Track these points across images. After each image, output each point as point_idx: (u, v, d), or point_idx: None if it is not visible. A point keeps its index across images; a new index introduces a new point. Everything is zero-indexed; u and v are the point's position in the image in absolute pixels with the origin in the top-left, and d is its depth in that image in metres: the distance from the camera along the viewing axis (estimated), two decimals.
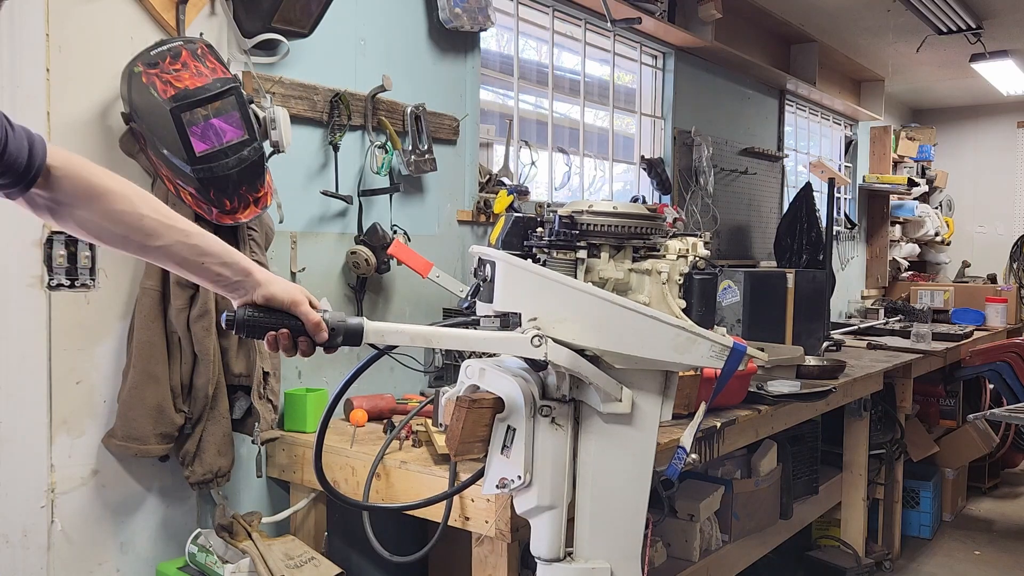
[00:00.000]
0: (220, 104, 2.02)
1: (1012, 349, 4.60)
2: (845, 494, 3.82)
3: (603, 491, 1.57)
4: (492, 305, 1.50)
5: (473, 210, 3.22)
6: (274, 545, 2.22)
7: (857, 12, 5.13)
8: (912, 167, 7.67)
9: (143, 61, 2.01)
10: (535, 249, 1.64)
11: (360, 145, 2.77)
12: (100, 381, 2.15)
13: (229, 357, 2.20)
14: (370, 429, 2.43)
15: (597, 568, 1.56)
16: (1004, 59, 5.98)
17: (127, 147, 2.14)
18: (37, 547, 2.04)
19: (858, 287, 7.23)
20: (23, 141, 1.11)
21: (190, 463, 2.18)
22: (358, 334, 1.33)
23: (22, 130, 1.12)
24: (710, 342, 1.50)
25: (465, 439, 1.52)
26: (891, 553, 4.12)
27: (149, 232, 1.21)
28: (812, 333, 3.90)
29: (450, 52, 3.13)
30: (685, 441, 1.70)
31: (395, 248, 2.67)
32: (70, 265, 2.06)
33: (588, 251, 1.59)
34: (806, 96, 6.11)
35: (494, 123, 3.55)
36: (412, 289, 2.95)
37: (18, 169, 1.11)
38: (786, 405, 2.84)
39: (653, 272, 1.60)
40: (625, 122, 4.59)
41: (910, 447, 4.35)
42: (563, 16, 3.97)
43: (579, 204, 1.63)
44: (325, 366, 2.68)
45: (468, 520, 1.96)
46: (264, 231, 2.32)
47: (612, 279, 1.60)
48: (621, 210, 1.61)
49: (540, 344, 1.41)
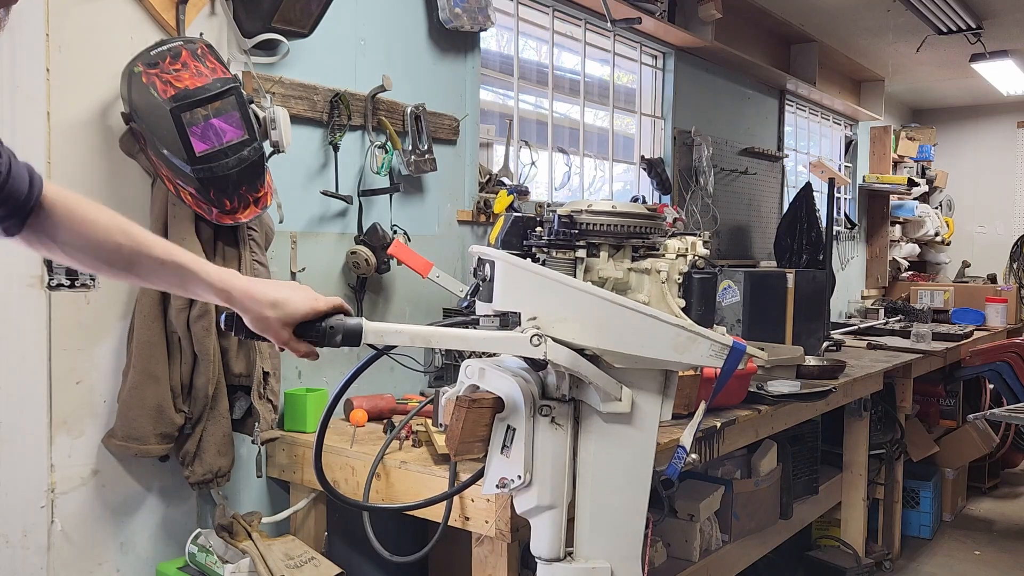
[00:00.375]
0: (220, 104, 2.02)
1: (1012, 349, 4.60)
2: (845, 494, 3.82)
3: (603, 491, 1.57)
4: (492, 305, 1.50)
5: (473, 210, 3.22)
6: (274, 545, 2.22)
7: (857, 12, 5.13)
8: (912, 167, 7.67)
9: (143, 61, 2.01)
10: (534, 249, 1.64)
11: (360, 145, 2.77)
12: (100, 381, 2.15)
13: (229, 357, 2.20)
14: (370, 429, 2.43)
15: (597, 568, 1.56)
16: (1004, 59, 5.98)
17: (127, 147, 2.14)
18: (37, 547, 2.04)
19: (858, 287, 7.23)
20: (24, 172, 1.16)
21: (190, 463, 2.18)
22: (357, 334, 1.33)
23: (22, 163, 1.17)
24: (710, 341, 1.50)
25: (465, 439, 1.52)
26: (891, 553, 4.12)
27: (133, 261, 1.23)
28: (812, 333, 3.90)
29: (450, 52, 3.13)
30: (685, 441, 1.70)
31: (395, 248, 2.67)
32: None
33: (587, 250, 1.59)
34: (806, 96, 6.11)
35: (494, 123, 3.55)
36: (412, 289, 2.95)
37: (19, 199, 1.15)
38: (786, 405, 2.84)
39: (652, 271, 1.60)
40: (625, 122, 4.59)
41: (910, 447, 4.35)
42: (563, 16, 3.97)
43: (578, 204, 1.63)
44: (325, 366, 2.68)
45: (468, 520, 1.96)
46: (264, 231, 2.32)
47: (611, 278, 1.60)
48: (620, 209, 1.61)
49: (540, 343, 1.41)
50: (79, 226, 1.19)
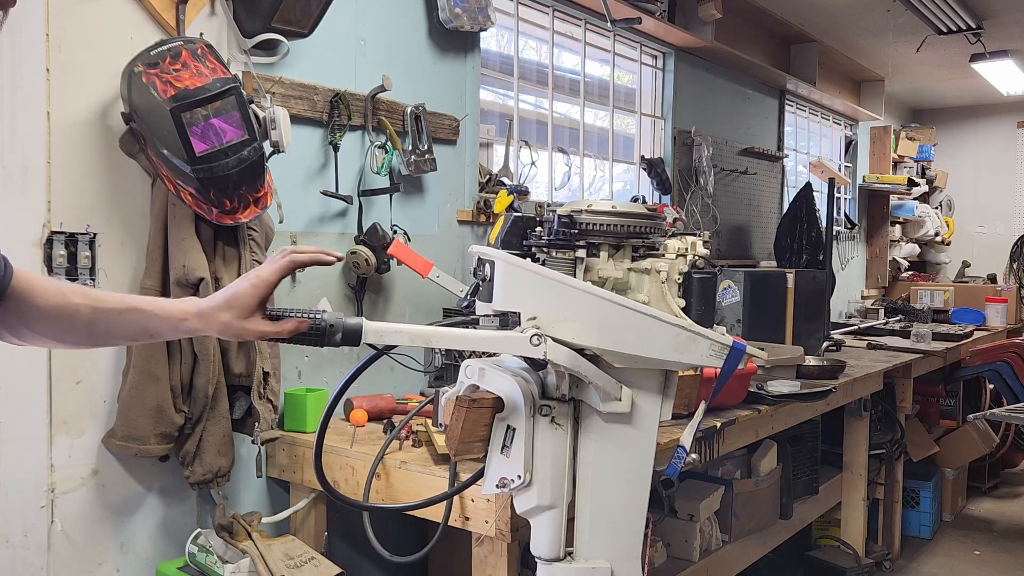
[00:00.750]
0: (220, 104, 2.02)
1: (1012, 349, 4.60)
2: (845, 494, 3.82)
3: (603, 491, 1.57)
4: (491, 304, 1.50)
5: (473, 210, 3.22)
6: (274, 545, 2.22)
7: (857, 12, 5.13)
8: (912, 167, 7.67)
9: (143, 61, 2.01)
10: (534, 248, 1.64)
11: (360, 145, 2.77)
12: (100, 381, 2.15)
13: (229, 357, 2.20)
14: (370, 429, 2.43)
15: (597, 568, 1.56)
16: (1004, 59, 5.98)
17: (127, 147, 2.14)
18: (37, 547, 2.04)
19: (858, 287, 7.23)
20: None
21: (190, 463, 2.18)
22: (357, 334, 1.33)
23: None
24: (710, 341, 1.50)
25: (465, 439, 1.52)
26: (891, 553, 4.12)
27: (94, 319, 1.20)
28: (812, 333, 3.90)
29: (450, 52, 3.13)
30: (685, 441, 1.70)
31: (395, 248, 2.67)
32: (70, 265, 2.06)
33: (587, 250, 1.59)
34: (806, 96, 6.11)
35: (494, 123, 3.55)
36: (412, 289, 2.95)
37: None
38: (786, 405, 2.84)
39: (652, 271, 1.60)
40: (625, 122, 4.59)
41: (910, 447, 4.35)
42: (563, 16, 3.97)
43: (578, 204, 1.63)
44: (325, 366, 2.68)
45: (468, 520, 1.96)
46: (264, 231, 2.32)
47: (611, 278, 1.60)
48: (620, 209, 1.61)
49: (539, 343, 1.41)
50: (39, 297, 1.16)
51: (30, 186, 1.99)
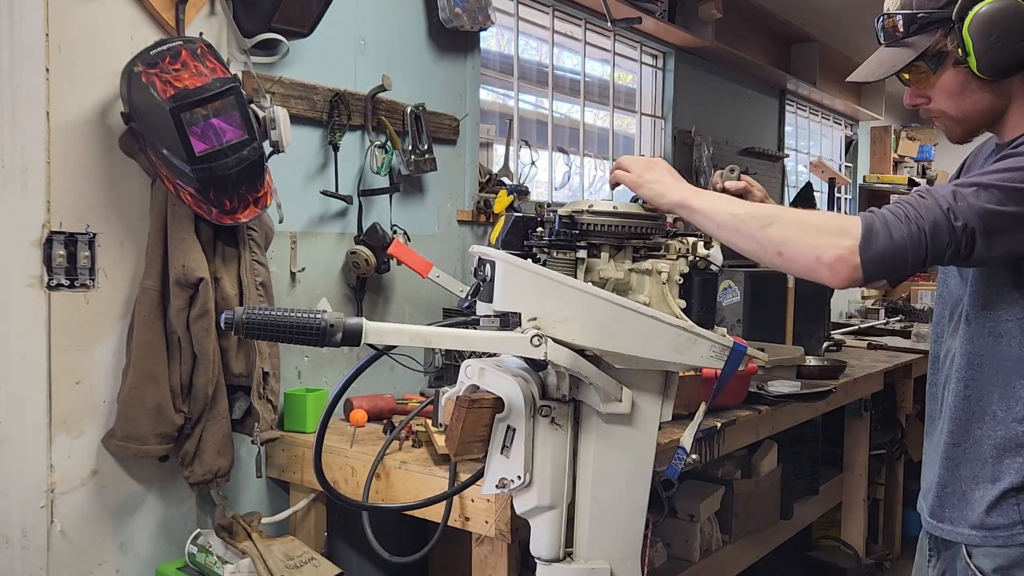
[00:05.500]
0: (220, 104, 2.01)
1: None
2: (845, 494, 3.82)
3: (603, 491, 1.57)
4: (492, 305, 1.49)
5: (473, 210, 3.22)
6: (274, 545, 2.22)
7: (857, 12, 5.12)
8: (912, 167, 7.67)
9: (143, 61, 2.01)
10: (535, 249, 1.63)
11: (360, 145, 2.77)
12: (100, 381, 2.14)
13: (229, 357, 2.19)
14: (370, 429, 2.43)
15: (597, 568, 1.56)
16: None
17: (127, 147, 2.14)
18: (37, 547, 2.04)
19: (858, 287, 7.22)
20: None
21: (190, 463, 2.17)
22: (357, 334, 1.32)
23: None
24: (710, 342, 1.50)
25: (465, 439, 1.52)
26: (892, 553, 4.12)
27: None
28: (812, 333, 3.90)
29: (450, 52, 3.13)
30: (685, 441, 1.70)
31: (395, 248, 2.67)
32: (70, 265, 2.06)
33: (588, 251, 1.58)
34: (806, 96, 6.11)
35: (494, 123, 3.55)
36: (412, 289, 2.94)
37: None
38: (786, 405, 2.84)
39: (653, 272, 1.59)
40: (625, 122, 4.58)
41: (911, 447, 4.35)
42: (563, 16, 3.97)
43: (579, 204, 1.62)
44: (325, 366, 2.68)
45: (468, 520, 1.96)
46: (264, 231, 2.32)
47: (612, 279, 1.59)
48: (621, 210, 1.60)
49: (540, 344, 1.41)
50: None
51: (30, 186, 1.99)
